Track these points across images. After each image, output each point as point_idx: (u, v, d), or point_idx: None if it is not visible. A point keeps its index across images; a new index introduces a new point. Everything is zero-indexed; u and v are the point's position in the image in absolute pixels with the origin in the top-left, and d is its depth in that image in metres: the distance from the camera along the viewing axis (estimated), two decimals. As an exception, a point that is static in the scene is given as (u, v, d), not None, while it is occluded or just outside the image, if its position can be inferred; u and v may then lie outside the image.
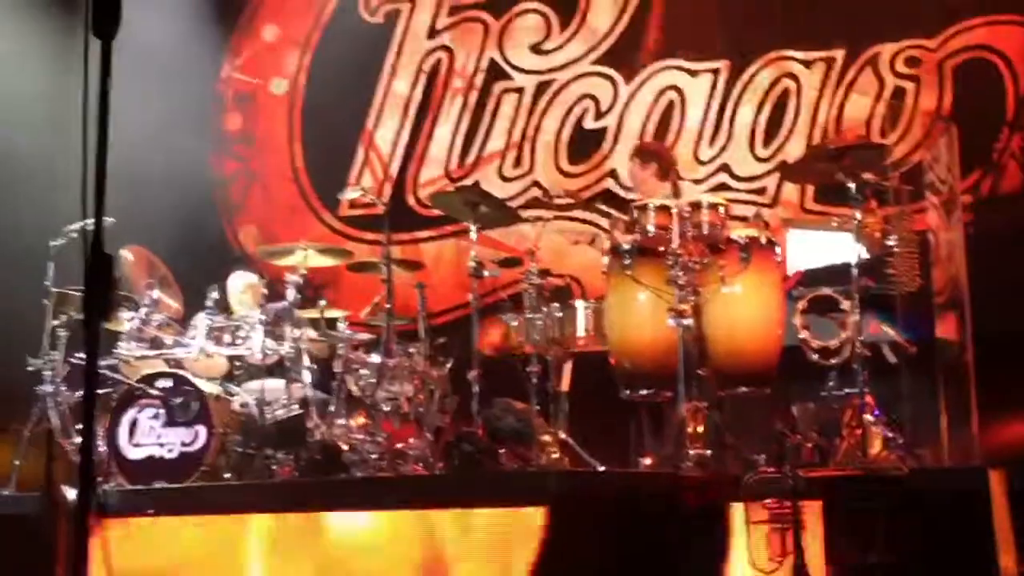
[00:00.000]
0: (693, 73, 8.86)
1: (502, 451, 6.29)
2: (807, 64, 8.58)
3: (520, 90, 9.30)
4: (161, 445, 6.52)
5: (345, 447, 6.44)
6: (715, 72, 8.79)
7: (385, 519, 5.30)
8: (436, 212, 8.65)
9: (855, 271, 5.94)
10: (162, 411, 6.55)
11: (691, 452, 5.73)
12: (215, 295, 6.96)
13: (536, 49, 9.31)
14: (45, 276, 7.03)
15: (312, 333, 6.97)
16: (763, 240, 6.13)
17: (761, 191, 8.52)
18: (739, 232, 6.15)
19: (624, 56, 9.06)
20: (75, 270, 6.80)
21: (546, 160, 9.14)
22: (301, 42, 9.92)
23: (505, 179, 9.18)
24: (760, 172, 8.57)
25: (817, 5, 8.54)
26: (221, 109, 10.06)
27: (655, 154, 7.18)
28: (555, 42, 9.26)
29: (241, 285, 7.66)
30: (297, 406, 6.78)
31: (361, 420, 6.74)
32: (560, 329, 6.65)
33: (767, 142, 8.61)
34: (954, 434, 6.39)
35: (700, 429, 5.81)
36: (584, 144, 9.06)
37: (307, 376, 6.83)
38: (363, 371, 6.83)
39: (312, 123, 9.80)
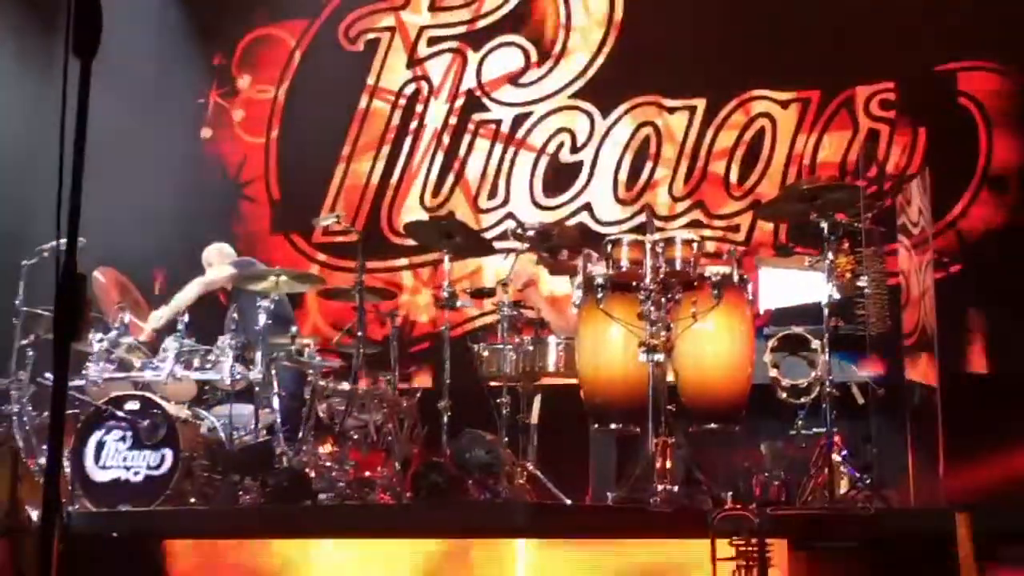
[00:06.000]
0: (670, 110, 8.91)
1: (470, 482, 6.27)
2: (783, 104, 8.65)
3: (497, 122, 9.33)
4: (127, 468, 6.47)
5: (312, 474, 6.41)
6: (692, 110, 8.84)
7: (352, 548, 5.28)
8: (410, 241, 8.66)
9: (826, 311, 5.97)
10: (129, 434, 6.51)
11: (659, 487, 5.72)
12: (185, 318, 6.93)
13: (514, 82, 9.34)
14: (15, 295, 7.00)
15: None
16: (735, 278, 6.15)
17: (735, 229, 8.56)
18: (712, 269, 6.16)
19: (601, 91, 9.10)
20: (46, 290, 6.77)
21: (522, 192, 9.16)
22: (280, 67, 9.93)
23: (480, 210, 9.20)
24: (734, 210, 8.61)
25: (794, 46, 8.60)
26: (199, 132, 10.05)
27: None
28: (533, 75, 9.30)
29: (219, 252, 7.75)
30: (265, 432, 6.75)
31: (329, 447, 6.72)
32: (531, 361, 6.64)
33: (742, 180, 8.66)
34: (920, 476, 6.41)
35: (668, 464, 5.80)
36: (560, 177, 9.09)
37: (276, 402, 6.81)
38: (332, 398, 6.81)
39: (289, 149, 9.80)
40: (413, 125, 9.54)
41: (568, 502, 6.30)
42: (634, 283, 5.99)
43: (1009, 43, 8.06)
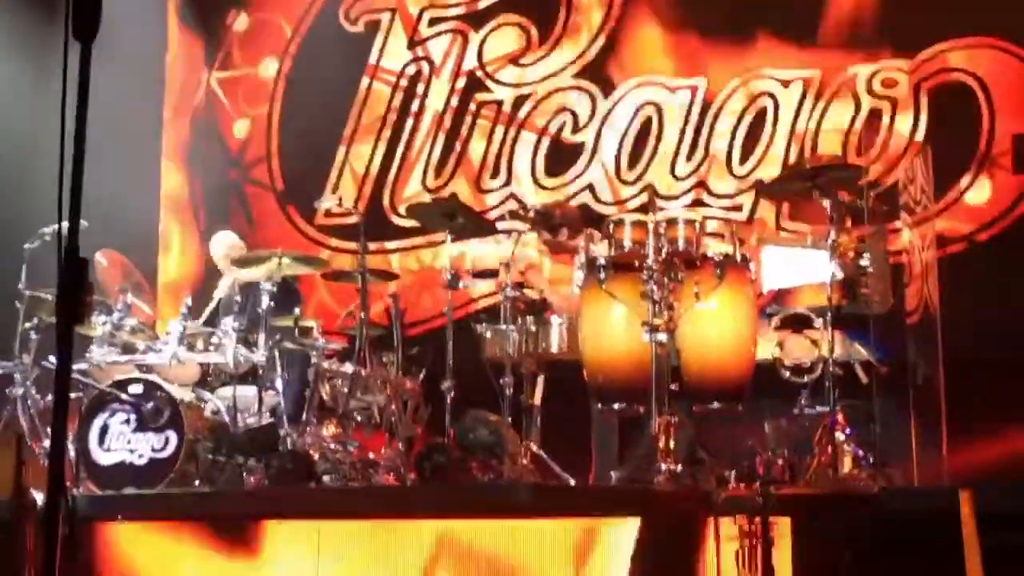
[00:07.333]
0: (671, 89, 8.89)
1: (473, 463, 6.28)
2: (785, 83, 8.63)
3: (499, 102, 9.31)
4: (131, 451, 6.49)
5: (316, 456, 6.42)
6: (693, 89, 8.82)
7: (355, 529, 5.30)
8: (412, 222, 8.66)
9: (828, 290, 5.97)
10: (133, 416, 6.52)
11: (662, 467, 5.73)
12: (189, 302, 6.94)
13: (515, 62, 9.32)
14: (18, 279, 7.00)
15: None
16: (738, 257, 6.16)
17: (737, 208, 8.55)
18: (714, 248, 6.17)
19: (603, 71, 9.08)
20: (48, 273, 6.77)
21: (523, 173, 9.15)
22: (281, 50, 9.91)
23: (482, 191, 9.19)
24: (736, 190, 8.60)
25: (796, 25, 8.57)
26: (199, 115, 10.04)
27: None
28: (534, 55, 9.28)
29: (225, 247, 7.78)
30: (269, 414, 6.76)
31: (333, 429, 6.72)
32: (534, 342, 6.65)
33: (744, 160, 8.64)
34: (924, 454, 6.42)
35: (672, 444, 5.81)
36: (561, 158, 9.08)
37: (280, 384, 6.82)
38: (336, 380, 6.81)
39: (290, 131, 9.79)
40: (414, 106, 9.52)
41: (572, 482, 6.31)
42: (636, 263, 6.00)
43: (1011, 20, 8.03)
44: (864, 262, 6.30)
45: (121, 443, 6.51)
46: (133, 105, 8.97)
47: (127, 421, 6.53)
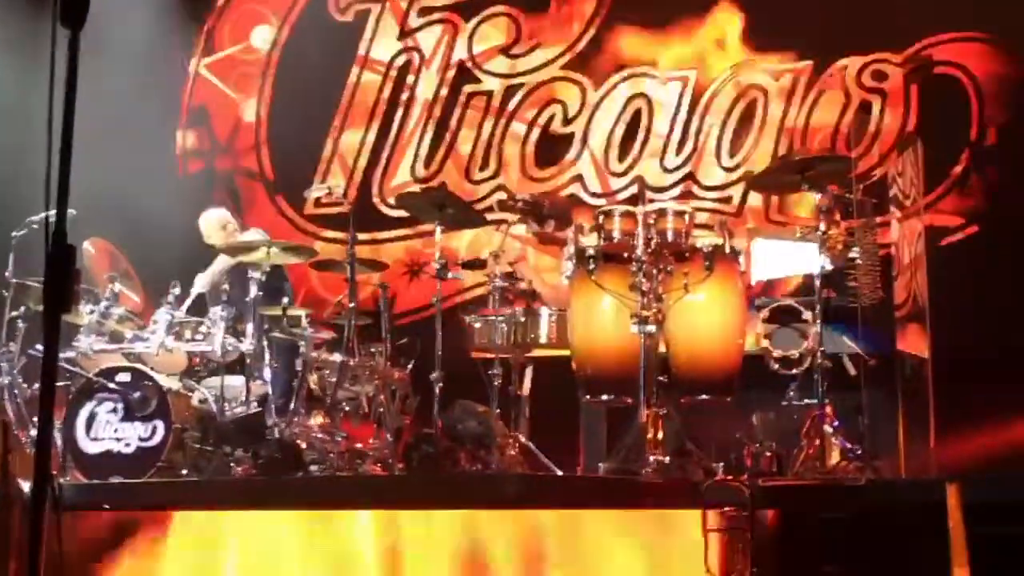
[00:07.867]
0: (662, 81, 8.88)
1: (461, 453, 6.28)
2: (775, 76, 8.63)
3: (488, 93, 9.30)
4: (118, 440, 6.46)
5: (304, 446, 6.41)
6: (683, 81, 8.82)
7: (343, 518, 5.30)
8: (402, 212, 8.64)
9: (817, 282, 5.97)
10: (120, 405, 6.50)
11: (650, 458, 5.74)
12: (176, 290, 6.92)
13: (505, 52, 9.31)
14: (5, 267, 6.97)
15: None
16: (727, 249, 6.16)
17: (726, 200, 8.56)
18: (703, 240, 6.17)
19: (593, 62, 9.07)
20: (36, 261, 6.75)
21: (513, 163, 9.14)
22: (270, 38, 9.87)
23: (472, 181, 9.17)
24: (726, 182, 8.60)
25: (785, 17, 8.57)
26: (187, 104, 10.00)
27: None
28: (524, 46, 9.26)
29: (217, 222, 7.72)
30: (256, 404, 6.75)
31: (321, 419, 6.72)
32: (523, 333, 6.65)
33: (733, 152, 8.64)
34: (911, 446, 6.43)
35: (660, 435, 5.82)
36: (551, 149, 9.07)
37: (268, 373, 6.81)
38: (324, 370, 6.80)
39: (279, 120, 9.76)
40: (404, 96, 9.50)
41: (560, 473, 6.31)
42: (626, 254, 5.99)
43: (999, 15, 8.04)
44: (853, 254, 6.31)
45: (108, 432, 6.48)
46: (122, 93, 8.92)
47: (114, 410, 6.51)
